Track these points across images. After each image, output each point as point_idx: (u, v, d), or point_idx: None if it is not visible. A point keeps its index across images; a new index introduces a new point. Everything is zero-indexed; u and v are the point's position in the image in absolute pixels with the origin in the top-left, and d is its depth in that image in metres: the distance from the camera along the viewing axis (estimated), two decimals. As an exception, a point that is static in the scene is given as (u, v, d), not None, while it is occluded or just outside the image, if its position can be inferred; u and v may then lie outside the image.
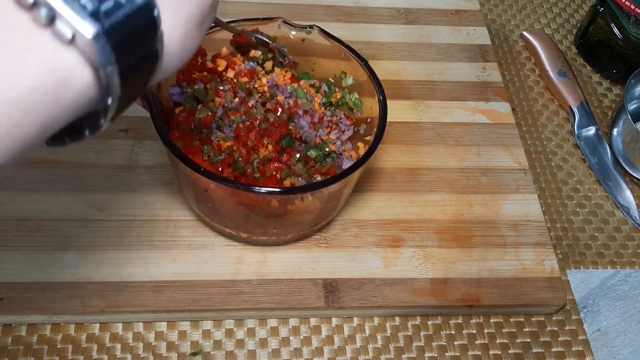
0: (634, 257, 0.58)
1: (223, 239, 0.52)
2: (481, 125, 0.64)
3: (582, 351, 0.52)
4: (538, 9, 0.80)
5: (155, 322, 0.49)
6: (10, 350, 0.47)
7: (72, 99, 0.23)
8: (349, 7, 0.72)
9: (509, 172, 0.60)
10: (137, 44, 0.24)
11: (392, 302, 0.51)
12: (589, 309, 0.55)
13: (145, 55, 0.25)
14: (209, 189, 0.45)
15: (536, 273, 0.54)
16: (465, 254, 0.54)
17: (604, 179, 0.63)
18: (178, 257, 0.51)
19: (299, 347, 0.49)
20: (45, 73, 0.22)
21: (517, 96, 0.70)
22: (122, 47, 0.23)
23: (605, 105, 0.70)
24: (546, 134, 0.67)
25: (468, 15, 0.74)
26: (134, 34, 0.24)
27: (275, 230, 0.51)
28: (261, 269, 0.51)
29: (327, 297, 0.50)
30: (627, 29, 0.67)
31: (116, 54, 0.23)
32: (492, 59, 0.70)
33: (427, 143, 0.61)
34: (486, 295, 0.52)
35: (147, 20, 0.25)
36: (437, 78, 0.67)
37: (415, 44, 0.70)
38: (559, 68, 0.70)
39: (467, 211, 0.57)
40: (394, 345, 0.50)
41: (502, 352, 0.51)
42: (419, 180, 0.58)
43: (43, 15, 0.21)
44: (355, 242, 0.54)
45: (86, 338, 0.48)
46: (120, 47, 0.23)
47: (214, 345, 0.49)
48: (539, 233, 0.56)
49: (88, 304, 0.48)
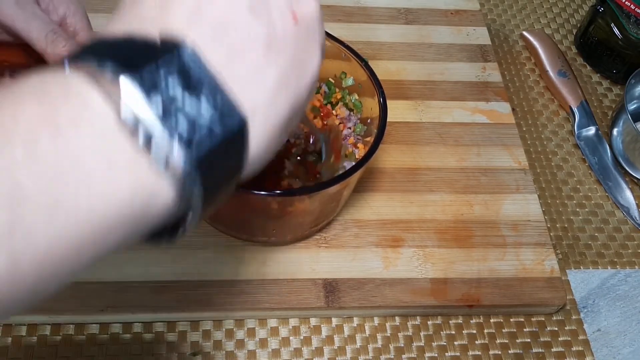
0: (634, 257, 0.58)
1: (223, 239, 0.52)
2: (481, 125, 0.64)
3: (582, 351, 0.52)
4: (538, 9, 0.80)
5: (155, 322, 0.49)
6: (10, 350, 0.47)
7: (153, 218, 0.23)
8: (349, 7, 0.72)
9: (509, 172, 0.60)
10: (223, 165, 0.24)
11: (392, 302, 0.51)
12: (589, 309, 0.55)
13: (229, 173, 0.24)
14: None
15: (536, 273, 0.54)
16: (465, 254, 0.54)
17: (604, 179, 0.63)
18: (178, 257, 0.51)
19: (299, 347, 0.49)
20: (135, 196, 0.21)
21: (517, 96, 0.70)
22: (208, 171, 0.23)
23: (605, 105, 0.70)
24: (546, 134, 0.67)
25: (468, 15, 0.74)
26: (223, 157, 0.23)
27: (275, 231, 0.51)
28: (261, 269, 0.51)
29: (327, 297, 0.50)
30: (627, 29, 0.67)
31: (202, 177, 0.22)
32: (492, 59, 0.70)
33: (427, 143, 0.61)
34: (486, 295, 0.52)
35: (237, 143, 0.24)
36: (437, 78, 0.67)
37: (415, 44, 0.70)
38: (559, 68, 0.70)
39: (467, 211, 0.57)
40: (394, 345, 0.50)
41: (502, 352, 0.51)
42: (419, 180, 0.58)
43: (141, 139, 0.21)
44: (355, 242, 0.54)
45: (86, 338, 0.48)
46: (206, 171, 0.22)
47: (214, 345, 0.49)
48: (539, 233, 0.56)
49: (88, 304, 0.48)
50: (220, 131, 0.22)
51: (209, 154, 0.22)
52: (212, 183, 0.23)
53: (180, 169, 0.22)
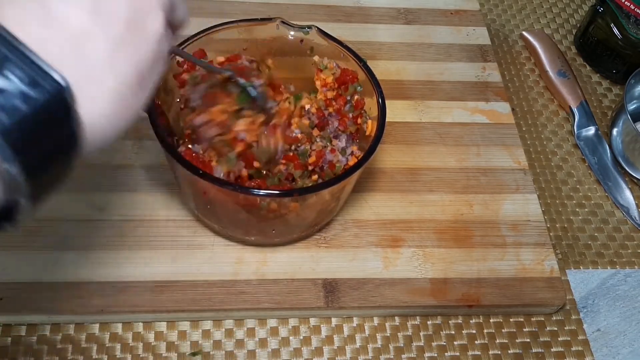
0: (633, 257, 0.58)
1: (223, 239, 0.52)
2: (481, 125, 0.64)
3: (581, 351, 0.52)
4: (538, 9, 0.80)
5: (155, 322, 0.49)
6: (10, 350, 0.47)
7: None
8: (349, 7, 0.72)
9: (509, 172, 0.60)
10: (45, 135, 0.23)
11: (391, 302, 0.51)
12: (588, 309, 0.55)
13: (58, 144, 0.24)
14: (207, 191, 0.46)
15: (536, 273, 0.54)
16: (465, 254, 0.54)
17: (604, 179, 0.63)
18: (178, 257, 0.51)
19: (299, 347, 0.49)
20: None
21: (517, 96, 0.70)
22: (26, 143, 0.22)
23: (605, 105, 0.70)
24: (546, 134, 0.67)
25: (468, 15, 0.74)
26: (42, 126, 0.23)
27: (274, 231, 0.51)
28: (261, 269, 0.51)
29: (326, 297, 0.50)
30: (627, 29, 0.67)
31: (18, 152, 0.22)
32: (491, 59, 0.70)
33: (427, 143, 0.61)
34: (486, 295, 0.52)
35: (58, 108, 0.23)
36: (437, 78, 0.67)
37: (415, 44, 0.70)
38: (558, 68, 0.70)
39: (466, 211, 0.57)
40: (394, 345, 0.50)
41: (501, 352, 0.51)
42: (419, 180, 0.59)
43: None
44: (355, 242, 0.54)
45: (86, 338, 0.48)
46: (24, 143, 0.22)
47: (213, 345, 0.49)
48: (539, 233, 0.56)
49: (88, 304, 0.48)
50: (32, 100, 0.22)
51: (21, 121, 0.22)
52: (35, 156, 0.23)
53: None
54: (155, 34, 0.28)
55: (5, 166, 0.22)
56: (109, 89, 0.26)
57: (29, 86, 0.22)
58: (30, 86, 0.22)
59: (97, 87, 0.25)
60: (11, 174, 0.22)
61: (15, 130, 0.22)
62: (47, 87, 0.23)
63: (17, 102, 0.22)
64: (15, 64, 0.22)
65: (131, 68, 0.27)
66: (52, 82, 0.23)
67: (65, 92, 0.23)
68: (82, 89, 0.24)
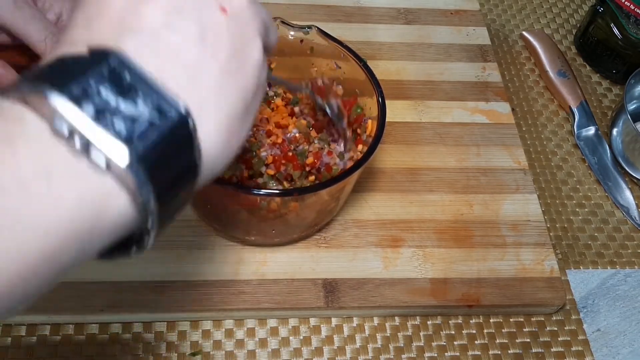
0: (633, 257, 0.58)
1: (223, 239, 0.52)
2: (481, 125, 0.64)
3: (581, 351, 0.52)
4: (538, 9, 0.80)
5: (155, 322, 0.49)
6: (10, 350, 0.47)
7: (109, 226, 0.23)
8: (349, 7, 0.72)
9: (509, 172, 0.60)
10: (172, 163, 0.24)
11: (391, 302, 0.51)
12: (588, 309, 0.55)
13: (182, 172, 0.25)
14: (207, 191, 0.45)
15: (536, 273, 0.54)
16: (465, 254, 0.54)
17: (604, 179, 0.63)
18: (178, 257, 0.51)
19: (299, 347, 0.49)
20: (82, 203, 0.22)
21: (517, 96, 0.70)
22: (157, 170, 0.23)
23: (605, 105, 0.70)
24: (546, 134, 0.67)
25: (468, 15, 0.74)
26: (169, 153, 0.24)
27: (274, 231, 0.51)
28: (261, 269, 0.51)
29: (326, 297, 0.50)
30: (627, 29, 0.67)
31: (151, 177, 0.23)
32: (491, 59, 0.70)
33: (427, 143, 0.61)
34: (486, 295, 0.52)
35: (182, 136, 0.24)
36: (437, 78, 0.67)
37: (415, 44, 0.70)
38: (558, 68, 0.70)
39: (466, 211, 0.57)
40: (394, 345, 0.50)
41: (501, 352, 0.51)
42: (419, 181, 0.58)
43: (78, 144, 0.21)
44: (355, 242, 0.54)
45: (86, 338, 0.48)
46: (154, 169, 0.23)
47: (213, 345, 0.49)
48: (539, 233, 0.56)
49: (88, 304, 0.48)
50: (160, 125, 0.23)
51: (152, 147, 0.23)
52: (164, 182, 0.24)
53: (124, 164, 0.22)
54: (256, 62, 0.28)
55: (141, 191, 0.23)
56: (220, 118, 0.26)
57: (156, 114, 0.23)
58: (158, 114, 0.23)
59: (211, 116, 0.26)
60: (146, 199, 0.23)
61: (148, 156, 0.23)
62: (172, 115, 0.24)
63: (147, 129, 0.23)
64: (144, 92, 0.23)
65: (238, 97, 0.27)
66: (176, 111, 0.24)
67: (188, 120, 0.24)
68: (197, 118, 0.25)
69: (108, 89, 0.22)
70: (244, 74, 0.28)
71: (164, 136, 0.23)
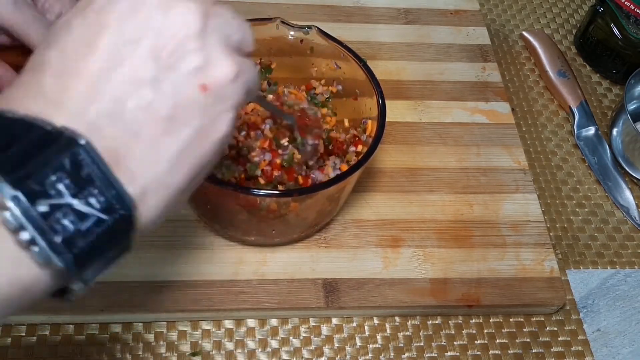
0: (633, 257, 0.58)
1: (223, 239, 0.52)
2: (481, 125, 0.64)
3: (581, 351, 0.52)
4: (538, 9, 0.80)
5: (155, 322, 0.49)
6: (10, 350, 0.47)
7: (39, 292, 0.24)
8: (349, 7, 0.72)
9: (509, 172, 0.60)
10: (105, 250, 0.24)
11: (391, 302, 0.51)
12: (588, 309, 0.55)
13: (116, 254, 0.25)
14: (207, 191, 0.45)
15: (536, 273, 0.54)
16: (464, 254, 0.54)
17: (604, 179, 0.63)
18: (178, 257, 0.51)
19: (299, 347, 0.49)
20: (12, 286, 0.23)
21: (517, 96, 0.70)
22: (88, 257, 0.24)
23: (605, 105, 0.70)
24: (546, 134, 0.67)
25: (468, 15, 0.74)
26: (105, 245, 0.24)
27: (274, 231, 0.51)
28: (261, 269, 0.51)
29: (326, 297, 0.50)
30: (627, 29, 0.67)
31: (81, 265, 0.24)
32: (491, 59, 0.70)
33: (427, 143, 0.61)
34: (486, 295, 0.52)
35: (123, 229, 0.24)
36: (437, 78, 0.67)
37: (415, 44, 0.70)
38: (558, 68, 0.70)
39: (466, 211, 0.57)
40: (394, 345, 0.50)
41: (501, 352, 0.51)
42: (419, 181, 0.58)
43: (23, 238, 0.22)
44: (355, 242, 0.54)
45: (86, 338, 0.48)
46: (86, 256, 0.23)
47: (213, 345, 0.49)
48: (539, 233, 0.56)
49: (88, 304, 0.48)
50: (107, 220, 0.23)
51: (91, 243, 0.23)
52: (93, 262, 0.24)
53: (62, 264, 0.23)
54: (222, 135, 0.28)
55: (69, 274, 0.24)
56: (169, 194, 0.26)
57: (106, 211, 0.23)
58: (107, 211, 0.23)
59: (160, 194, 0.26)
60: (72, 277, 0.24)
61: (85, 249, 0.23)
62: (120, 212, 0.24)
63: (92, 226, 0.23)
64: (99, 188, 0.23)
65: (192, 171, 0.27)
66: (124, 206, 0.24)
67: (133, 213, 0.24)
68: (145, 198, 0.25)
69: (65, 186, 0.23)
70: (204, 149, 0.27)
71: (106, 231, 0.24)
